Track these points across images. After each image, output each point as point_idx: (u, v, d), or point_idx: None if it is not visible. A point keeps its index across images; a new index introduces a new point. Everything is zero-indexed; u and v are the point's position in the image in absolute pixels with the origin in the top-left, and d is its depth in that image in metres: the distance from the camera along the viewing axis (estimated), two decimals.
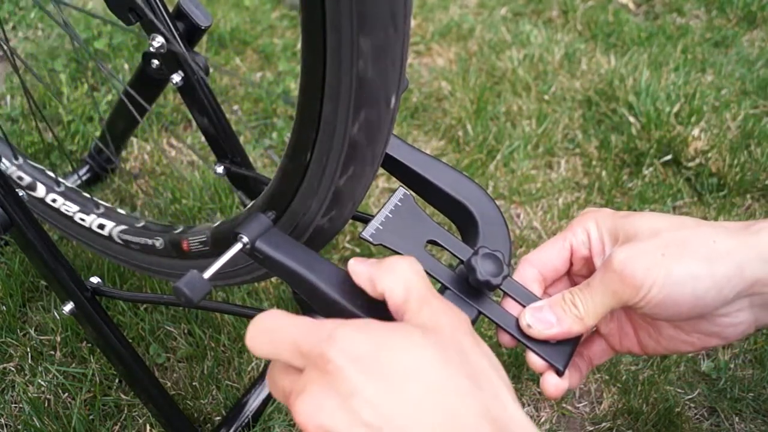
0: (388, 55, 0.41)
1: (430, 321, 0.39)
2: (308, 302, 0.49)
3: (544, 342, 0.49)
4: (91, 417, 0.97)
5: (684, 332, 0.49)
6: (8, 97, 1.40)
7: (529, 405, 1.05)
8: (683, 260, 0.45)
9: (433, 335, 0.37)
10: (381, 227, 0.53)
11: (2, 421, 0.96)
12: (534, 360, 0.49)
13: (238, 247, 0.50)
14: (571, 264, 0.53)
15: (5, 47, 0.73)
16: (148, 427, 0.96)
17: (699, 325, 0.48)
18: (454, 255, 0.53)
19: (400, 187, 0.56)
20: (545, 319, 0.49)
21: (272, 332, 0.39)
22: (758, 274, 0.44)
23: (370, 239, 0.52)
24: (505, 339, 0.50)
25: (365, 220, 0.55)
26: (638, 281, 0.45)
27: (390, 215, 0.54)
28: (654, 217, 0.48)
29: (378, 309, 0.44)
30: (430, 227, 0.54)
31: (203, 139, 0.84)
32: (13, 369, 1.01)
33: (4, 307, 1.06)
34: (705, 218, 1.32)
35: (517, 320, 0.50)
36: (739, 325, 0.47)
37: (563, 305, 0.48)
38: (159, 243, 0.78)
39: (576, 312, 0.48)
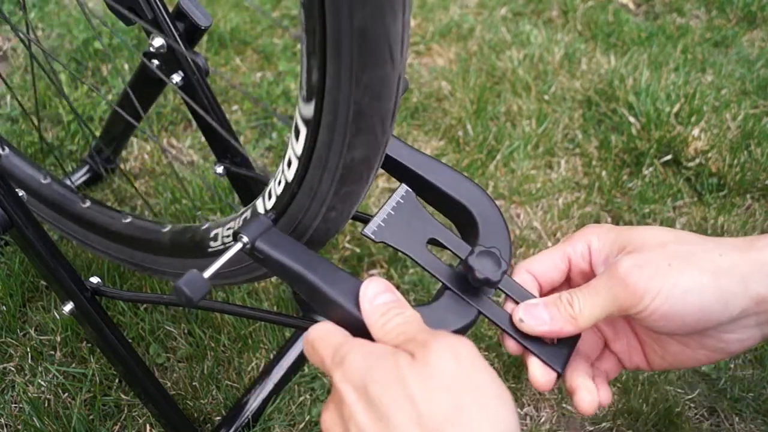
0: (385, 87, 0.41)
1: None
2: (308, 302, 0.49)
3: (543, 344, 0.50)
4: (91, 417, 0.97)
5: (690, 348, 0.49)
6: (8, 97, 1.40)
7: (529, 405, 1.05)
8: (690, 272, 0.45)
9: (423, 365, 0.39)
10: (383, 224, 0.53)
11: (2, 421, 0.96)
12: (532, 370, 0.50)
13: (238, 246, 0.50)
14: (570, 278, 0.53)
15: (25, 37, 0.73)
16: (148, 427, 0.96)
17: (705, 342, 0.48)
18: (455, 254, 0.53)
19: (403, 184, 0.56)
20: (538, 315, 0.49)
21: (312, 343, 0.45)
22: (763, 290, 0.44)
23: (372, 237, 0.52)
24: (510, 345, 0.50)
25: (365, 220, 0.55)
26: (641, 289, 0.45)
27: (392, 212, 0.54)
28: (660, 229, 0.49)
29: None
30: (432, 225, 0.54)
31: (203, 139, 0.84)
32: (13, 369, 1.01)
33: (4, 307, 1.06)
34: (705, 218, 1.32)
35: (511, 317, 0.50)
36: (747, 340, 0.47)
37: (558, 304, 0.49)
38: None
39: (570, 312, 0.48)
